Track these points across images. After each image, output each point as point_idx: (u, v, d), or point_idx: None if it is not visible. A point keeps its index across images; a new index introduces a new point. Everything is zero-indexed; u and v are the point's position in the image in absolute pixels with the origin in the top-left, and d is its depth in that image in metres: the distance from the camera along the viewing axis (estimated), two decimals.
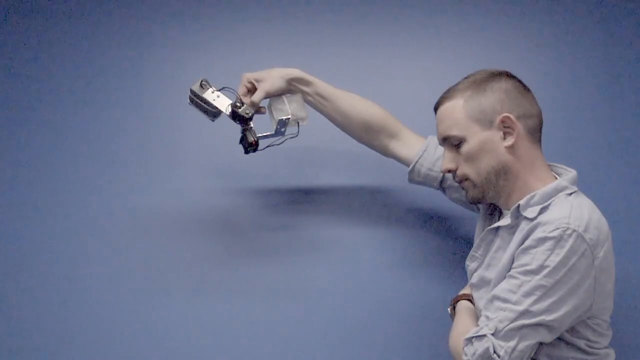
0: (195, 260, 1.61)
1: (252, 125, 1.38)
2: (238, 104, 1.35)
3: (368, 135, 1.46)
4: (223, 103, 1.37)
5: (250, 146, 1.38)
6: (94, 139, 1.69)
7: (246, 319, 1.58)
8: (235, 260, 1.61)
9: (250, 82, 1.41)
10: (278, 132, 1.41)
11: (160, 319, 1.57)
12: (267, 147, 1.44)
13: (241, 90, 1.42)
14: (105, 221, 1.63)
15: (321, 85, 1.43)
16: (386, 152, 1.48)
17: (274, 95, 1.41)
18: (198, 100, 1.36)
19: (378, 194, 1.64)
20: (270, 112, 1.42)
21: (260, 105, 1.41)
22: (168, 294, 1.59)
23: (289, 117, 1.39)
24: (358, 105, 1.45)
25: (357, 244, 1.61)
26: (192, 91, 1.36)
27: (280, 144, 1.45)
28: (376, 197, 1.64)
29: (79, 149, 1.68)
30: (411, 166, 1.44)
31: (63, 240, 1.63)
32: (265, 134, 1.41)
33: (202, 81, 1.36)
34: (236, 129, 1.41)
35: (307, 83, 1.43)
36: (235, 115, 1.36)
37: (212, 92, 1.37)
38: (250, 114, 1.36)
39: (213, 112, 1.37)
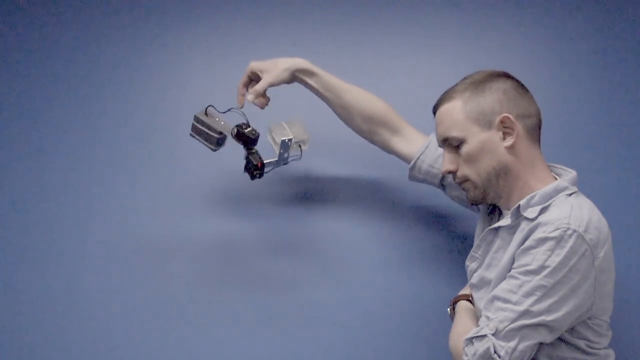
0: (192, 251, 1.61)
1: (256, 149, 1.37)
2: (244, 126, 1.35)
3: (370, 129, 1.46)
4: (228, 127, 1.36)
5: (256, 169, 1.36)
6: (92, 140, 1.69)
7: (244, 316, 1.58)
8: (233, 255, 1.61)
9: (254, 73, 1.42)
10: (281, 157, 1.41)
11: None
12: (273, 168, 1.43)
13: (244, 79, 1.43)
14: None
15: (326, 78, 1.44)
16: (387, 148, 1.48)
17: (277, 85, 1.42)
18: (201, 127, 1.35)
19: (378, 192, 1.64)
20: (272, 138, 1.42)
21: (264, 97, 1.42)
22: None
23: (291, 137, 1.39)
24: (362, 98, 1.45)
25: (355, 242, 1.61)
26: (196, 117, 1.35)
27: (285, 164, 1.44)
28: (376, 195, 1.64)
29: (77, 153, 1.68)
30: (412, 162, 1.44)
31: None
32: (268, 161, 1.41)
33: (207, 108, 1.36)
34: (237, 144, 1.40)
35: (311, 74, 1.43)
36: (240, 137, 1.35)
37: (217, 120, 1.36)
38: (256, 135, 1.35)
39: (216, 139, 1.36)
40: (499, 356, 1.08)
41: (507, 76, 1.27)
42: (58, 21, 1.74)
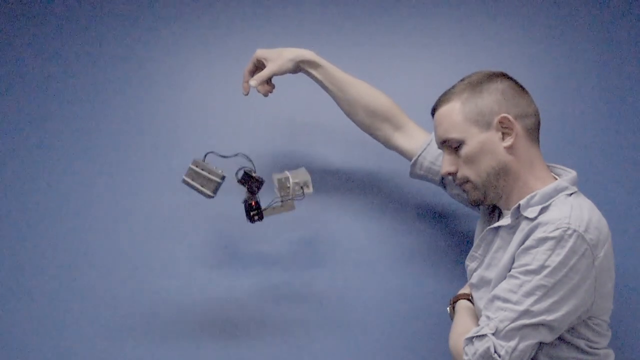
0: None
1: (257, 196, 1.37)
2: (252, 169, 1.35)
3: (373, 123, 1.46)
4: (224, 175, 1.35)
5: (251, 209, 1.36)
6: (88, 149, 1.68)
7: (243, 313, 1.58)
8: (231, 253, 1.61)
9: (260, 61, 1.44)
10: (284, 201, 1.40)
11: None
12: (272, 208, 1.41)
13: (249, 66, 1.44)
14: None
15: (331, 70, 1.44)
16: (389, 143, 1.48)
17: (280, 75, 1.43)
18: (201, 170, 1.34)
19: (378, 190, 1.64)
20: (274, 184, 1.41)
21: (268, 85, 1.44)
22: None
23: (288, 176, 1.38)
24: (366, 93, 1.45)
25: (355, 241, 1.61)
26: (195, 162, 1.34)
27: (287, 206, 1.42)
28: (376, 193, 1.64)
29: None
30: (414, 159, 1.45)
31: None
32: (272, 207, 1.40)
33: (206, 154, 1.36)
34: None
35: (316, 66, 1.44)
36: (246, 180, 1.35)
37: (215, 167, 1.35)
38: (261, 180, 1.35)
39: (215, 183, 1.35)
40: (499, 356, 1.08)
41: (504, 76, 1.27)
42: (57, 21, 1.74)
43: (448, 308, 1.38)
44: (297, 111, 1.68)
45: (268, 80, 1.44)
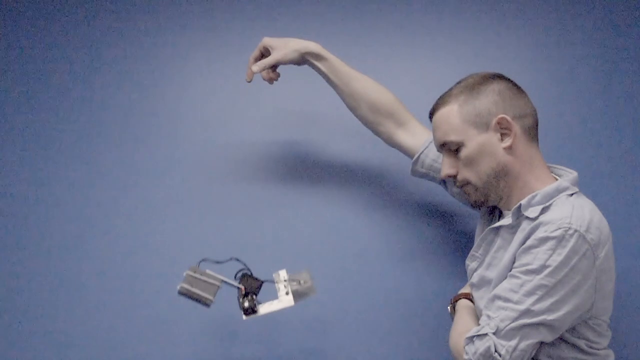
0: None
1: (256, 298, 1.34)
2: (249, 271, 1.34)
3: (376, 119, 1.46)
4: (225, 277, 1.33)
5: (240, 295, 1.33)
6: (92, 141, 1.68)
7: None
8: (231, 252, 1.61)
9: (266, 49, 1.45)
10: (281, 297, 1.39)
11: None
12: (270, 304, 1.35)
13: (255, 53, 1.46)
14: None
15: (336, 63, 1.45)
16: (391, 140, 1.48)
17: (284, 64, 1.43)
18: (200, 276, 1.32)
19: (378, 188, 1.64)
20: (273, 280, 1.39)
21: (273, 72, 1.45)
22: None
23: (283, 271, 1.36)
24: (370, 88, 1.45)
25: (355, 240, 1.61)
26: (192, 268, 1.33)
27: (279, 298, 1.40)
28: (376, 191, 1.64)
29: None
30: (416, 156, 1.44)
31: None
32: (269, 302, 1.36)
33: (200, 262, 1.34)
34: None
35: (320, 58, 1.44)
36: (247, 280, 1.33)
37: (211, 273, 1.33)
38: (261, 280, 1.33)
39: (215, 287, 1.32)
40: (500, 355, 1.08)
41: (501, 77, 1.27)
42: (57, 21, 1.74)
43: (448, 307, 1.38)
44: (298, 105, 1.68)
45: (273, 68, 1.45)
